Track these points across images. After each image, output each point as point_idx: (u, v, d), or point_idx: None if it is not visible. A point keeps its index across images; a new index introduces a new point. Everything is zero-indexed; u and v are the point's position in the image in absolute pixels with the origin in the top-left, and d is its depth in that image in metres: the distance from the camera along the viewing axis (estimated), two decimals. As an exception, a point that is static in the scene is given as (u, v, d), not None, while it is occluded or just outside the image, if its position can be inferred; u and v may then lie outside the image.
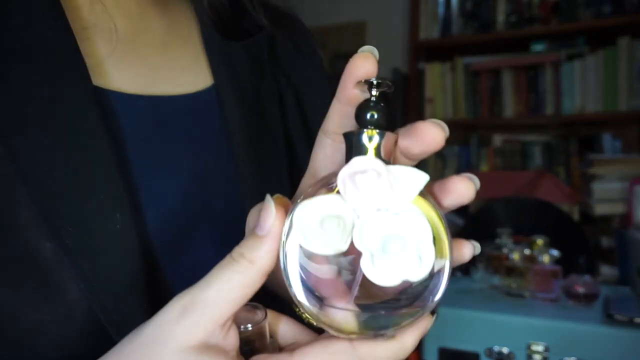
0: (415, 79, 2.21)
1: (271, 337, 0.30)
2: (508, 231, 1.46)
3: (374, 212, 0.23)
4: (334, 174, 0.24)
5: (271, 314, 0.31)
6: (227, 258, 0.26)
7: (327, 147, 0.31)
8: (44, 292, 0.31)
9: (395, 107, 2.32)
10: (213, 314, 0.25)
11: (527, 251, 1.31)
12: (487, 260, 1.41)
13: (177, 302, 0.25)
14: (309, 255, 0.24)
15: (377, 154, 0.25)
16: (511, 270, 1.30)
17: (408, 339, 0.26)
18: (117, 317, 0.32)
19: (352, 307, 0.24)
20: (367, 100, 0.26)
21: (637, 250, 1.43)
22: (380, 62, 0.29)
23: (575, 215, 1.87)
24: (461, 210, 2.05)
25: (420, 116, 2.20)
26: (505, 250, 1.37)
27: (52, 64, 0.33)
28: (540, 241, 1.32)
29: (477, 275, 1.41)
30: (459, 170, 2.17)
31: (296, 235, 0.24)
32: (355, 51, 0.28)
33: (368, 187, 0.23)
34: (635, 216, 1.66)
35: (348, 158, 0.25)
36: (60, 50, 0.33)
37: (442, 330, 1.24)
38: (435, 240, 0.24)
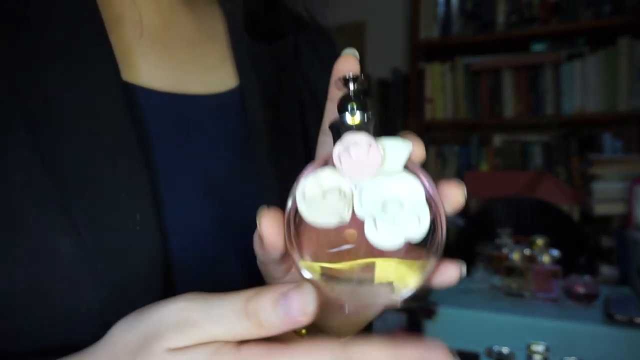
0: (415, 79, 2.21)
1: None
2: (508, 231, 1.46)
3: (370, 179, 0.25)
4: (327, 155, 0.26)
5: None
6: (241, 302, 0.23)
7: (328, 146, 0.31)
8: (60, 288, 0.30)
9: (395, 107, 2.32)
10: (195, 335, 0.24)
11: (527, 251, 1.31)
12: (487, 260, 1.41)
13: (181, 300, 0.24)
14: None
15: (366, 129, 0.27)
16: (511, 270, 1.30)
17: (406, 350, 0.23)
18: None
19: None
20: (346, 94, 0.28)
21: (637, 250, 1.43)
22: (380, 62, 0.30)
23: (575, 215, 1.87)
24: (461, 210, 2.04)
25: (420, 116, 2.20)
26: (505, 250, 1.37)
27: (84, 57, 0.32)
28: (540, 241, 1.32)
29: (477, 275, 1.41)
30: (459, 170, 2.17)
31: (301, 210, 0.25)
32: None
33: (362, 157, 0.25)
34: (635, 216, 1.66)
35: (337, 139, 0.26)
36: (90, 43, 0.33)
37: (442, 330, 1.24)
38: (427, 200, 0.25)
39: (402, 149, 0.26)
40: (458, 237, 1.86)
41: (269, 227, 0.25)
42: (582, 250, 1.61)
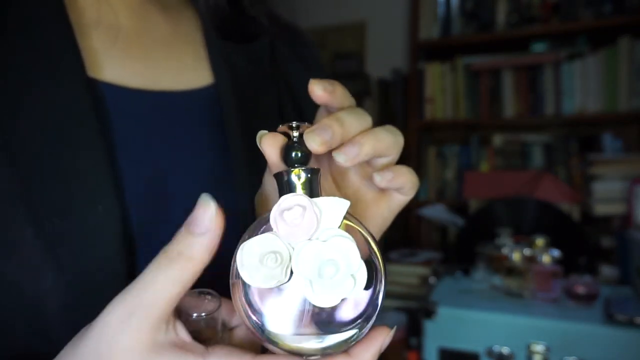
0: (415, 79, 2.21)
1: (223, 326, 0.31)
2: (508, 231, 1.46)
3: (306, 242, 0.26)
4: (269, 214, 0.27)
5: (225, 303, 0.30)
6: (162, 256, 0.26)
7: (268, 187, 0.35)
8: (21, 278, 0.30)
9: (395, 107, 2.32)
10: (154, 315, 0.25)
11: (527, 251, 1.31)
12: (487, 260, 1.41)
13: (116, 307, 0.25)
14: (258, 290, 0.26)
15: (305, 188, 0.28)
16: (511, 270, 1.30)
17: (364, 354, 0.27)
18: (95, 311, 0.31)
19: (305, 331, 0.26)
20: (290, 141, 0.29)
21: (637, 250, 1.42)
22: (380, 62, 0.31)
23: (575, 215, 1.87)
24: (461, 210, 2.05)
25: (420, 116, 2.20)
26: (505, 250, 1.37)
27: (48, 54, 0.33)
28: (540, 241, 1.32)
29: (477, 275, 1.41)
30: (459, 170, 2.17)
31: (242, 274, 0.26)
32: (355, 51, 0.32)
33: (296, 221, 0.26)
34: (635, 216, 1.66)
35: (280, 196, 0.28)
36: (58, 42, 0.34)
37: (442, 330, 1.24)
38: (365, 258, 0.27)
39: (338, 208, 0.27)
40: (458, 237, 1.86)
41: (269, 148, 0.29)
42: (582, 250, 1.61)
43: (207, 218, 0.26)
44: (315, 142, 0.28)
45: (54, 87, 0.33)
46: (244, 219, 0.40)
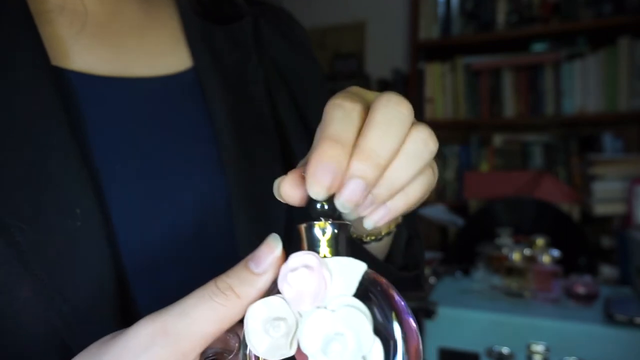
0: (415, 79, 2.21)
1: None
2: (508, 231, 1.46)
3: (313, 310, 0.22)
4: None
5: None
6: (211, 286, 0.23)
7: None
8: None
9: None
10: (184, 347, 0.22)
11: (527, 251, 1.31)
12: (487, 260, 1.41)
13: (144, 328, 0.22)
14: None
15: (330, 245, 0.24)
16: (511, 270, 1.30)
17: None
18: (80, 327, 0.29)
19: None
20: (316, 209, 0.25)
21: (637, 250, 1.42)
22: (380, 62, 0.29)
23: (575, 215, 1.87)
24: (461, 210, 2.05)
25: (420, 116, 2.20)
26: (505, 250, 1.37)
27: (5, 46, 0.31)
28: (540, 241, 1.32)
29: (477, 275, 1.41)
30: (459, 170, 2.17)
31: (248, 341, 0.23)
32: (355, 51, 0.29)
33: (301, 285, 0.22)
34: (635, 216, 1.66)
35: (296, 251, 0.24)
36: (14, 31, 0.31)
37: (442, 330, 1.24)
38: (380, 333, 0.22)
39: (353, 271, 0.23)
40: (458, 237, 1.86)
41: (291, 196, 0.24)
42: (582, 250, 1.61)
43: (270, 259, 0.23)
44: (315, 187, 0.22)
45: (12, 77, 0.30)
46: (235, 203, 0.38)
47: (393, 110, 0.24)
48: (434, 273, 1.53)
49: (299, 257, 0.23)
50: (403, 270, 0.41)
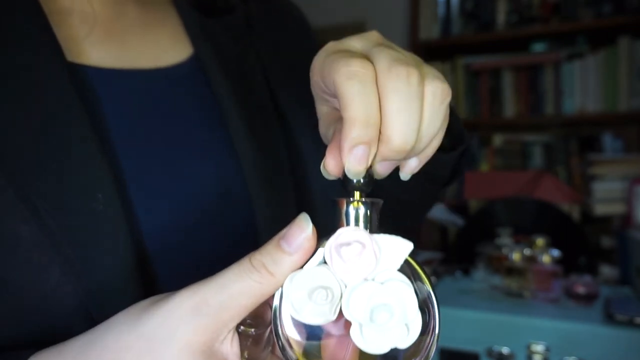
0: (415, 79, 2.20)
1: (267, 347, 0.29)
2: (508, 231, 1.46)
3: (361, 282, 0.24)
4: (326, 238, 0.25)
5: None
6: (246, 263, 0.25)
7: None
8: (24, 276, 0.30)
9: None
10: (223, 318, 0.24)
11: (527, 251, 1.31)
12: (487, 260, 1.41)
13: (187, 298, 0.25)
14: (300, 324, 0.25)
15: (365, 222, 0.26)
16: (511, 270, 1.30)
17: None
18: (108, 304, 0.30)
19: None
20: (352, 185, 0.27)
21: (637, 250, 1.42)
22: None
23: (575, 215, 1.87)
24: (461, 210, 2.05)
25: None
26: (505, 250, 1.37)
27: (25, 45, 0.33)
28: (540, 241, 1.31)
29: (477, 275, 1.41)
30: (459, 170, 2.17)
31: (287, 307, 0.25)
32: None
33: (353, 259, 0.24)
34: (635, 216, 1.66)
35: (336, 226, 0.26)
36: (32, 31, 0.33)
37: (442, 330, 1.23)
38: (422, 306, 0.25)
39: (400, 249, 0.25)
40: (458, 237, 1.86)
41: (334, 168, 0.27)
42: (582, 250, 1.61)
43: (302, 238, 0.25)
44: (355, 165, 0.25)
45: (33, 74, 0.32)
46: (251, 183, 0.40)
47: (405, 88, 0.25)
48: (434, 273, 1.53)
49: (351, 233, 0.25)
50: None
